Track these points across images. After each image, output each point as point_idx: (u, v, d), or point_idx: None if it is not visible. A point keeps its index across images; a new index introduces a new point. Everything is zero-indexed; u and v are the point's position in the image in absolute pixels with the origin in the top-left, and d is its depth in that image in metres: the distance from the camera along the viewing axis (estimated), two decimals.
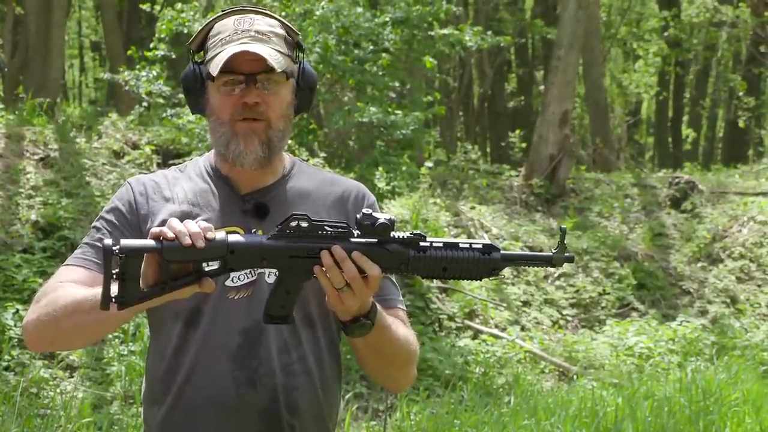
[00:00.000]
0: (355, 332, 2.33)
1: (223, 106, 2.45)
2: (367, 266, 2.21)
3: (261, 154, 2.46)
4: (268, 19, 2.50)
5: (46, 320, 2.36)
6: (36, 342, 2.49)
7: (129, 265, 2.14)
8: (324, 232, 2.23)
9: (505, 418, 7.29)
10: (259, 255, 2.22)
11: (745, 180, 16.77)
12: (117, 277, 2.14)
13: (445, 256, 2.26)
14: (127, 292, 2.15)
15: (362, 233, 2.24)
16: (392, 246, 2.25)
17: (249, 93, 2.42)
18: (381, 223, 2.23)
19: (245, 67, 2.40)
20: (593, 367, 9.84)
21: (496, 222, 13.04)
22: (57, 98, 13.84)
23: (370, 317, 2.32)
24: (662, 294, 12.30)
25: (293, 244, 2.23)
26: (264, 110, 2.44)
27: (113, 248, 2.12)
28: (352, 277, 2.20)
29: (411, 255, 2.25)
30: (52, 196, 9.01)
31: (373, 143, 10.40)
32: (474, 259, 2.27)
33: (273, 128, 2.47)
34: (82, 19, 30.04)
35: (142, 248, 2.15)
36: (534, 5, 27.20)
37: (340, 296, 2.23)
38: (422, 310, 9.97)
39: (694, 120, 31.76)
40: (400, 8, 10.41)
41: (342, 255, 2.20)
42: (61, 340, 2.45)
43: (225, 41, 2.43)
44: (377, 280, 2.24)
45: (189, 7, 11.21)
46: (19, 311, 7.44)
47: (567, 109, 15.10)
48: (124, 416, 6.69)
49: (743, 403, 7.68)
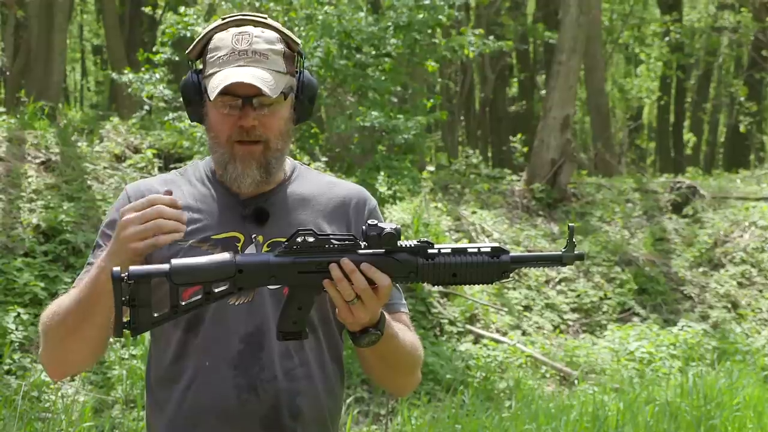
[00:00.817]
0: (364, 342, 2.33)
1: (220, 126, 2.45)
2: (377, 277, 2.21)
3: (258, 178, 2.46)
4: (267, 33, 2.48)
5: (54, 342, 2.40)
6: (55, 370, 2.51)
7: (139, 291, 2.14)
8: (331, 246, 2.23)
9: (506, 422, 7.28)
10: (267, 273, 2.22)
11: (746, 185, 16.77)
12: (127, 303, 2.14)
13: (454, 262, 2.25)
14: (139, 318, 2.16)
15: (369, 244, 2.24)
16: (400, 255, 2.24)
17: (246, 116, 2.41)
18: (387, 233, 2.22)
19: (241, 90, 2.39)
20: (594, 371, 9.84)
21: (497, 227, 13.04)
22: (58, 102, 13.86)
23: (379, 327, 2.32)
24: (663, 299, 12.30)
25: (301, 259, 2.22)
26: (261, 133, 2.43)
27: (122, 275, 2.13)
28: (362, 289, 2.20)
29: (420, 263, 2.25)
30: (53, 200, 9.02)
31: (375, 148, 10.40)
32: (483, 263, 2.26)
33: (271, 149, 2.46)
34: (83, 22, 30.05)
35: (150, 273, 2.16)
36: (535, 10, 27.21)
37: (350, 309, 2.23)
38: (423, 314, 9.97)
39: (696, 125, 31.76)
40: (403, 13, 10.41)
41: (351, 267, 2.20)
42: (72, 356, 2.44)
43: (222, 61, 2.42)
44: (388, 291, 2.23)
45: (193, 11, 11.22)
46: (20, 315, 7.45)
47: (568, 113, 15.10)
48: (125, 420, 6.69)
49: (744, 408, 7.67)
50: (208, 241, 2.44)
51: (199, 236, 2.45)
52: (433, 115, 11.49)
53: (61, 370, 2.52)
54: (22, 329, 7.36)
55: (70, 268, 8.26)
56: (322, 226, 2.52)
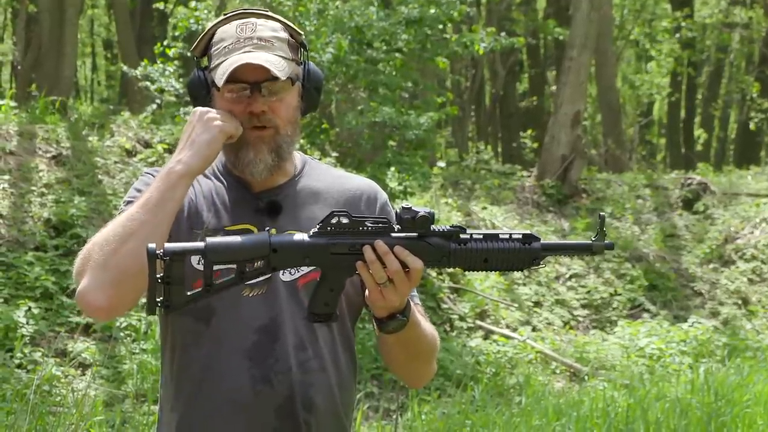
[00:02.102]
0: (390, 328, 2.33)
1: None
2: (410, 260, 2.21)
3: (271, 162, 2.46)
4: (270, 22, 2.48)
5: (105, 264, 2.26)
6: (101, 299, 2.28)
7: (173, 268, 2.15)
8: (364, 228, 2.23)
9: (516, 418, 7.28)
10: (301, 253, 2.22)
11: (757, 182, 16.74)
12: (162, 280, 2.14)
13: (486, 248, 2.25)
14: (173, 296, 2.16)
15: (402, 228, 2.24)
16: (433, 239, 2.24)
17: (255, 102, 2.41)
18: (421, 216, 2.22)
19: (249, 75, 2.39)
20: (604, 368, 9.83)
21: (507, 222, 13.04)
22: (69, 96, 13.88)
23: (405, 314, 2.32)
24: (674, 295, 12.29)
25: (335, 240, 2.22)
26: (271, 117, 2.43)
27: (157, 252, 2.12)
28: (395, 272, 2.20)
29: (452, 248, 2.24)
30: (64, 194, 9.03)
31: (386, 143, 10.40)
32: (515, 249, 2.25)
33: (281, 134, 2.46)
34: (94, 17, 30.09)
35: (186, 251, 2.17)
36: (546, 6, 27.17)
37: (381, 291, 2.23)
38: (433, 310, 9.97)
39: (706, 121, 31.71)
40: (414, 8, 10.40)
41: (385, 249, 2.20)
42: (127, 281, 2.26)
43: (228, 50, 2.42)
44: (419, 274, 2.23)
45: (203, 6, 11.23)
46: (31, 309, 7.46)
47: (579, 109, 15.10)
48: (136, 414, 6.70)
49: (755, 404, 7.65)
50: (221, 232, 2.44)
51: (213, 227, 2.46)
52: (443, 111, 11.48)
53: (112, 300, 2.29)
54: (33, 323, 7.38)
55: None
56: None
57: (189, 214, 2.47)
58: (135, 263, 2.22)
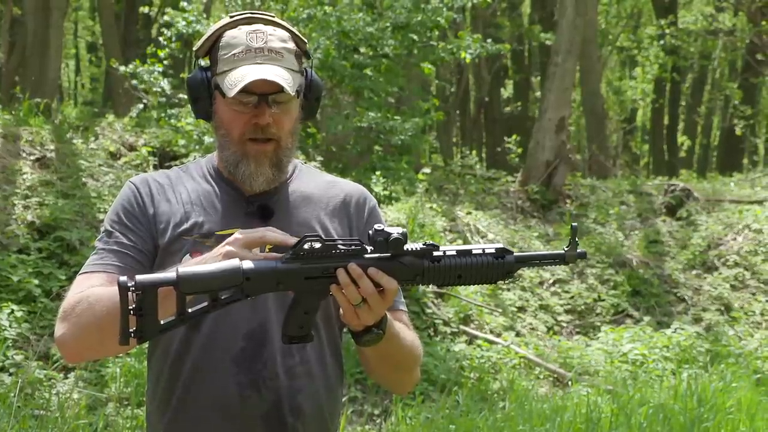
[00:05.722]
0: (367, 342, 2.34)
1: (233, 123, 2.45)
2: (384, 281, 2.21)
3: (271, 176, 2.48)
4: (279, 31, 2.49)
5: (86, 326, 2.31)
6: (76, 352, 2.40)
7: (146, 299, 2.13)
8: (337, 251, 2.23)
9: (500, 423, 7.29)
10: (274, 279, 2.21)
11: (740, 188, 16.80)
12: (134, 312, 2.13)
13: (460, 264, 2.26)
14: (145, 326, 2.15)
15: (375, 249, 2.24)
16: (407, 259, 2.24)
17: (261, 114, 2.41)
18: (394, 238, 2.23)
19: (259, 88, 2.39)
20: (588, 373, 9.84)
21: (491, 227, 13.05)
22: (54, 99, 13.84)
23: (381, 327, 2.33)
24: (657, 301, 12.31)
25: (308, 265, 2.22)
26: (275, 131, 2.44)
27: (128, 284, 2.11)
28: (369, 294, 2.20)
29: (426, 266, 2.25)
30: (48, 197, 9.00)
31: (371, 148, 10.41)
32: (488, 263, 2.28)
33: (282, 147, 2.48)
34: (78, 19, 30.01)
35: (157, 282, 2.15)
36: (532, 11, 27.24)
37: (356, 312, 2.23)
38: (417, 314, 9.96)
39: (690, 128, 31.85)
40: (401, 14, 10.41)
41: (358, 272, 2.20)
42: (106, 344, 2.32)
43: (238, 58, 2.42)
44: (394, 294, 2.24)
45: (193, 8, 11.23)
46: (14, 311, 7.43)
47: (564, 115, 15.12)
48: (119, 418, 6.68)
49: (737, 410, 7.69)
50: (212, 237, 2.44)
51: (204, 231, 2.46)
52: (429, 117, 11.49)
53: (84, 355, 2.49)
54: (16, 326, 7.35)
55: (65, 265, 8.25)
56: (324, 222, 2.54)
57: (179, 220, 2.47)
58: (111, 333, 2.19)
